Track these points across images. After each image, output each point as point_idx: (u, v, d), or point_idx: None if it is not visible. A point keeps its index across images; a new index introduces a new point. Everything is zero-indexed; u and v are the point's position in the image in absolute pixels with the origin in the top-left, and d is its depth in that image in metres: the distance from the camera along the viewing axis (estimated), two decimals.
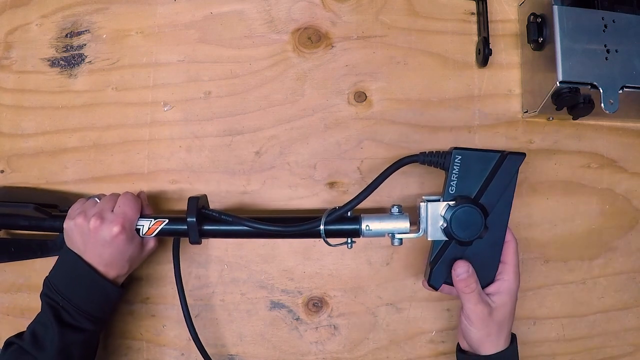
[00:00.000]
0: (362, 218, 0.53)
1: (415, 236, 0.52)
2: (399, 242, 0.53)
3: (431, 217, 0.51)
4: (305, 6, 0.62)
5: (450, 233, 0.49)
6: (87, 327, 0.52)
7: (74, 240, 0.54)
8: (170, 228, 0.55)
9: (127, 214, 0.54)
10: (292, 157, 0.61)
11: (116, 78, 0.63)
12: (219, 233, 0.56)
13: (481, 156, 0.51)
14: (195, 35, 0.63)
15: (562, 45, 0.52)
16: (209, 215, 0.55)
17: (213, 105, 0.62)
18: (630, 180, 0.61)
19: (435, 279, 0.52)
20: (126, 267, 0.55)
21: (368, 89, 0.61)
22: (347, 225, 0.53)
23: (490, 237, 0.51)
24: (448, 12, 0.62)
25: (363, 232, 0.53)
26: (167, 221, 0.55)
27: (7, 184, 0.63)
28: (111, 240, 0.52)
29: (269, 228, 0.53)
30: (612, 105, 0.51)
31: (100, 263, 0.53)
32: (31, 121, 0.63)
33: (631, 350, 0.61)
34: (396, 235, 0.52)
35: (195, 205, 0.54)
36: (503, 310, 0.50)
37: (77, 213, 0.54)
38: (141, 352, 0.61)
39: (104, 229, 0.52)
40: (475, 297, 0.49)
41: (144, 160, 0.62)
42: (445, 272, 0.51)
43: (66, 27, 0.64)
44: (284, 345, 0.61)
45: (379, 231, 0.53)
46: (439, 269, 0.51)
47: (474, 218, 0.49)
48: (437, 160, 0.52)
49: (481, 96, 0.61)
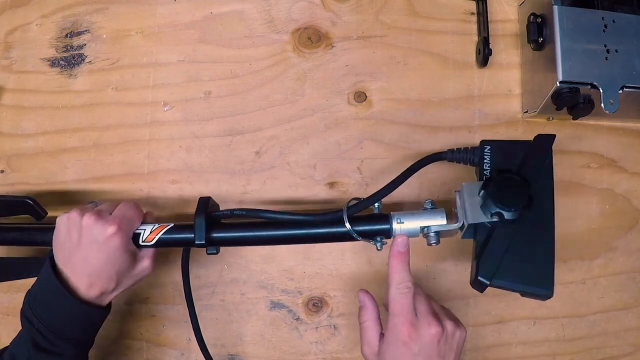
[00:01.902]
0: (393, 216, 0.49)
1: (455, 227, 0.47)
2: (436, 240, 0.48)
3: (469, 199, 0.47)
4: (305, 6, 0.62)
5: (491, 205, 0.45)
6: (68, 352, 0.47)
7: (62, 239, 0.49)
8: (175, 234, 0.51)
9: (127, 217, 0.50)
10: (292, 157, 0.61)
11: (116, 78, 0.63)
12: (232, 239, 0.52)
13: (511, 144, 0.50)
14: (195, 35, 0.63)
15: (562, 45, 0.52)
16: (219, 216, 0.52)
17: (213, 105, 0.62)
18: (630, 180, 0.61)
19: (484, 272, 0.45)
20: (113, 282, 0.49)
21: (368, 89, 0.61)
22: (375, 224, 0.49)
23: (536, 224, 0.46)
24: (448, 12, 0.62)
25: (394, 232, 0.48)
26: (172, 225, 0.52)
27: (7, 184, 0.63)
28: (103, 242, 0.47)
29: (294, 217, 0.50)
30: (612, 105, 0.51)
31: (84, 272, 0.48)
32: (31, 121, 0.63)
33: (631, 350, 0.61)
34: (433, 229, 0.47)
35: (205, 205, 0.51)
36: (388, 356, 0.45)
37: (73, 209, 0.50)
38: (141, 352, 0.61)
39: (98, 226, 0.47)
40: (405, 267, 0.46)
41: (144, 160, 0.62)
42: (494, 265, 0.45)
43: (66, 27, 0.64)
44: (284, 345, 0.61)
45: (412, 230, 0.48)
46: (487, 262, 0.45)
47: (516, 184, 0.45)
48: (465, 156, 0.51)
49: (481, 96, 0.61)
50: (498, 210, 0.45)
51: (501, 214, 0.45)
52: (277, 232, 0.51)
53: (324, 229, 0.51)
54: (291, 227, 0.51)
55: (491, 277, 0.45)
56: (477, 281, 0.45)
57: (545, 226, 0.47)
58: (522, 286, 0.45)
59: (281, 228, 0.51)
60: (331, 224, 0.50)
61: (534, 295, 0.46)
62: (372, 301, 0.50)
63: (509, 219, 0.45)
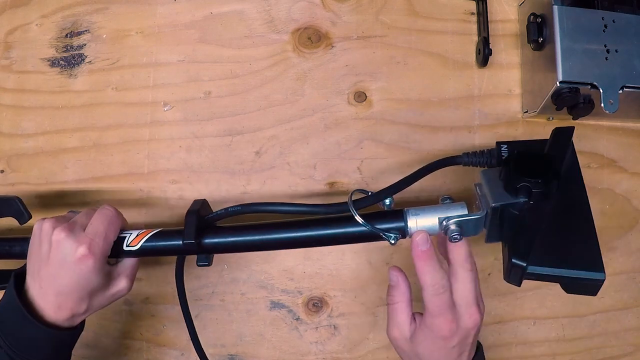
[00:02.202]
0: (408, 211, 0.44)
1: (478, 215, 0.42)
2: (458, 233, 0.42)
3: (489, 185, 0.43)
4: (305, 6, 0.62)
5: (515, 180, 0.40)
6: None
7: (33, 250, 0.46)
8: (163, 239, 0.47)
9: (100, 234, 0.45)
10: (292, 157, 0.61)
11: (116, 78, 0.63)
12: (227, 245, 0.48)
13: (527, 143, 0.49)
14: (195, 35, 0.63)
15: (562, 45, 0.52)
16: (213, 219, 0.48)
17: (213, 105, 0.62)
18: (630, 180, 0.61)
19: (518, 254, 0.39)
20: (84, 303, 0.45)
21: (368, 89, 0.61)
22: (387, 222, 0.44)
23: (569, 204, 0.42)
24: (448, 12, 0.62)
25: (410, 229, 0.44)
26: (159, 230, 0.48)
27: (7, 184, 0.63)
28: (73, 263, 0.43)
29: (295, 208, 0.46)
30: (612, 105, 0.51)
31: (52, 290, 0.44)
32: (31, 121, 0.63)
33: (631, 350, 0.61)
34: (453, 220, 0.42)
35: (198, 206, 0.47)
36: (422, 347, 0.44)
37: (48, 219, 0.46)
38: (141, 352, 0.61)
39: (68, 245, 0.43)
40: (433, 264, 0.42)
41: (144, 160, 0.62)
42: (528, 247, 0.39)
43: (66, 27, 0.64)
44: (284, 345, 0.61)
45: (430, 226, 0.43)
46: (520, 244, 0.39)
47: (538, 158, 0.42)
48: (482, 159, 0.49)
49: (481, 96, 0.61)
50: (524, 183, 0.40)
51: (528, 187, 0.40)
52: (279, 234, 0.47)
53: (331, 227, 0.46)
54: (294, 227, 0.47)
55: (526, 259, 0.39)
56: (512, 266, 0.39)
57: (580, 207, 0.42)
58: (568, 271, 0.39)
59: (283, 229, 0.47)
60: (338, 218, 0.46)
61: (582, 282, 0.39)
62: (406, 281, 0.46)
63: (537, 194, 0.40)
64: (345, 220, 0.46)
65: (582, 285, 0.40)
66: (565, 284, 0.40)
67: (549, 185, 0.41)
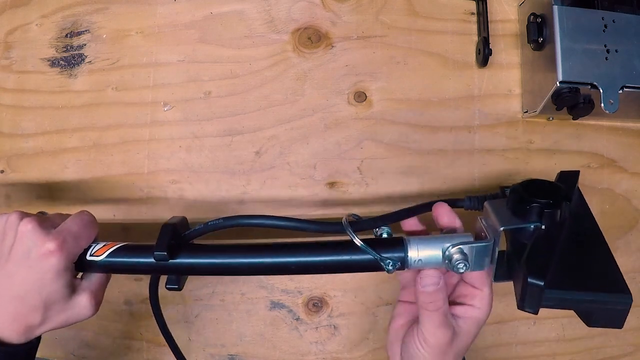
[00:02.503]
0: (409, 241, 0.41)
1: (485, 243, 0.39)
2: (464, 263, 0.39)
3: (496, 213, 0.40)
4: (305, 6, 0.62)
5: (525, 203, 0.37)
6: None
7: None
8: (133, 252, 0.43)
9: (73, 234, 0.41)
10: (292, 157, 0.61)
11: (116, 78, 0.63)
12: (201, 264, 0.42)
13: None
14: (195, 35, 0.63)
15: (562, 45, 0.52)
16: (190, 236, 0.43)
17: (213, 105, 0.62)
18: (630, 180, 0.61)
19: (534, 272, 0.35)
20: (38, 314, 0.39)
21: (368, 89, 0.61)
22: (387, 250, 0.41)
23: (582, 232, 0.40)
24: (448, 12, 0.62)
25: (410, 262, 0.40)
26: (127, 244, 0.43)
27: (7, 184, 0.63)
28: (37, 259, 0.39)
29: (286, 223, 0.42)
30: (612, 105, 0.51)
31: (6, 293, 0.39)
32: (31, 121, 0.63)
33: (631, 350, 0.61)
34: (458, 246, 0.39)
35: (174, 221, 0.43)
36: (466, 340, 0.42)
37: (16, 210, 0.41)
38: (141, 352, 0.61)
39: (35, 238, 0.39)
40: (440, 317, 0.39)
41: (144, 160, 0.62)
42: (545, 268, 0.36)
43: (66, 27, 0.64)
44: (284, 345, 0.61)
45: (433, 257, 0.40)
46: (536, 263, 0.36)
47: (546, 183, 0.40)
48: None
49: (481, 96, 0.61)
50: (534, 204, 0.37)
51: (539, 208, 0.37)
52: (262, 257, 0.42)
53: (326, 252, 0.42)
54: (282, 250, 0.43)
55: (544, 278, 0.35)
56: (529, 286, 0.35)
57: (594, 237, 0.40)
58: (590, 294, 0.36)
59: (268, 253, 0.42)
60: (333, 244, 0.43)
61: (607, 308, 0.36)
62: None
63: (549, 216, 0.38)
64: (340, 247, 0.42)
65: (606, 311, 0.36)
66: (587, 311, 0.37)
67: (560, 206, 0.38)
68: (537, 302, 0.36)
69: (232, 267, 0.43)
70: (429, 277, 0.40)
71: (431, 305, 0.40)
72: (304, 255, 0.42)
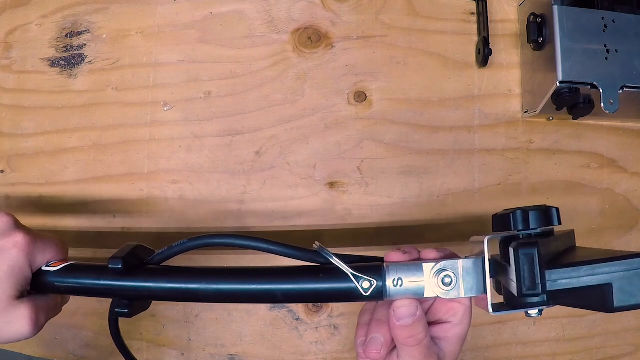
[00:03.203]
0: (388, 268, 0.37)
1: (474, 258, 0.38)
2: (454, 284, 0.36)
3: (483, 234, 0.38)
4: (305, 6, 0.62)
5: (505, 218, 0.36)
6: None
7: None
8: (90, 270, 0.40)
9: (43, 240, 0.40)
10: (292, 157, 0.61)
11: (116, 78, 0.63)
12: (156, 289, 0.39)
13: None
14: (195, 35, 0.63)
15: (562, 45, 0.52)
16: (153, 261, 0.41)
17: (213, 105, 0.62)
18: (630, 180, 0.61)
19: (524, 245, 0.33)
20: None
21: (368, 89, 0.61)
22: (365, 273, 0.37)
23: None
24: (448, 12, 0.62)
25: (389, 291, 0.37)
26: (83, 263, 0.41)
27: (7, 184, 0.63)
28: (1, 247, 0.37)
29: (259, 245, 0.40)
30: (612, 105, 0.51)
31: None
32: (31, 121, 0.63)
33: (631, 350, 0.61)
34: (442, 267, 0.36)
35: (133, 246, 0.40)
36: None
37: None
38: (141, 352, 0.61)
39: (8, 228, 0.38)
40: (422, 351, 0.35)
41: (144, 160, 0.62)
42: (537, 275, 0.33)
43: (66, 27, 0.64)
44: (284, 345, 0.61)
45: (415, 288, 0.37)
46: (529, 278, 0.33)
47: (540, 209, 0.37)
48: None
49: (481, 96, 0.61)
50: (518, 210, 0.37)
51: (523, 213, 0.37)
52: (227, 283, 0.39)
53: (297, 279, 0.39)
54: (253, 276, 0.40)
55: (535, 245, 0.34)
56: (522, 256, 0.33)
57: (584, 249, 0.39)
58: (602, 265, 0.33)
59: (227, 278, 0.39)
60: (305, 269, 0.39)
61: (625, 272, 0.32)
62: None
63: (536, 220, 0.37)
64: (312, 273, 0.39)
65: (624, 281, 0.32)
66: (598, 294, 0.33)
67: (548, 213, 0.37)
68: (534, 279, 0.33)
69: (192, 293, 0.39)
70: (405, 307, 0.36)
71: (411, 340, 0.35)
72: (259, 281, 0.39)
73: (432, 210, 0.60)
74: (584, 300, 0.34)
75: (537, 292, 0.33)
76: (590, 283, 0.33)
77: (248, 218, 0.61)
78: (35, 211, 0.62)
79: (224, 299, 0.40)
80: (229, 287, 0.39)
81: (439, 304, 0.40)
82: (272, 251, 0.41)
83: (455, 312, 0.38)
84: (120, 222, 0.62)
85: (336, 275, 0.38)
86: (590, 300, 0.34)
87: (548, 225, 0.37)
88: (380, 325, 0.38)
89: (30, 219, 0.62)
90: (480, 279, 0.38)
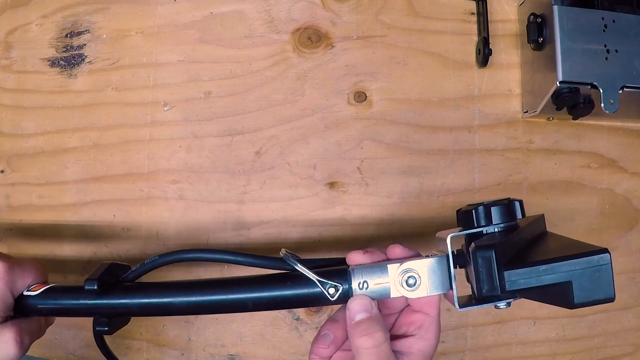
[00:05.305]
0: (353, 272, 0.38)
1: (438, 255, 0.38)
2: (417, 281, 0.36)
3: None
4: (305, 6, 0.62)
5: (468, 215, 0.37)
6: None
7: None
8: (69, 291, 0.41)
9: (24, 265, 0.41)
10: (292, 157, 0.61)
11: (116, 78, 0.63)
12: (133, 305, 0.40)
13: None
14: (195, 35, 0.63)
15: (562, 45, 0.52)
16: (127, 279, 0.42)
17: (213, 105, 0.62)
18: (630, 180, 0.61)
19: (481, 247, 0.33)
20: None
21: (368, 89, 0.61)
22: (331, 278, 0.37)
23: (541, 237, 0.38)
24: (448, 12, 0.62)
25: (355, 293, 0.37)
26: (62, 285, 0.42)
27: (7, 184, 0.63)
28: None
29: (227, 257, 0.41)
30: (612, 105, 0.51)
31: None
32: (31, 121, 0.63)
33: (631, 350, 0.61)
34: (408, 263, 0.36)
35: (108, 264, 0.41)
36: None
37: None
38: (141, 352, 0.61)
39: None
40: (380, 354, 0.33)
41: (144, 160, 0.62)
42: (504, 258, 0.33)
43: (66, 27, 0.64)
44: (283, 345, 0.61)
45: (380, 289, 0.37)
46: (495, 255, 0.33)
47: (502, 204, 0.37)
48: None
49: (481, 96, 0.61)
50: (480, 206, 0.37)
51: (485, 208, 0.37)
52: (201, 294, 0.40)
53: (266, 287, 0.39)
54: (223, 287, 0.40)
55: (492, 247, 0.34)
56: (480, 259, 0.33)
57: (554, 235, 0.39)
58: (560, 264, 0.32)
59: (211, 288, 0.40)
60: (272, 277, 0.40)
61: (584, 269, 0.32)
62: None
63: (499, 215, 0.37)
64: (280, 281, 0.40)
65: (584, 279, 0.32)
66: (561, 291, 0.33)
67: (510, 207, 0.37)
68: (492, 281, 0.33)
69: (166, 307, 0.41)
70: (358, 302, 0.35)
71: (366, 338, 0.33)
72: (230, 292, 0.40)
73: (432, 210, 0.60)
74: (546, 296, 0.34)
75: (496, 293, 0.33)
76: (550, 282, 0.33)
77: (248, 218, 0.61)
78: (35, 211, 0.62)
79: (197, 311, 0.41)
80: (200, 299, 0.40)
81: (404, 316, 0.39)
82: (240, 262, 0.41)
83: (420, 324, 0.37)
84: (120, 222, 0.62)
85: (304, 282, 0.39)
86: (552, 297, 0.34)
87: (512, 220, 0.38)
88: (334, 323, 0.39)
89: (30, 219, 0.62)
90: (446, 276, 0.38)
